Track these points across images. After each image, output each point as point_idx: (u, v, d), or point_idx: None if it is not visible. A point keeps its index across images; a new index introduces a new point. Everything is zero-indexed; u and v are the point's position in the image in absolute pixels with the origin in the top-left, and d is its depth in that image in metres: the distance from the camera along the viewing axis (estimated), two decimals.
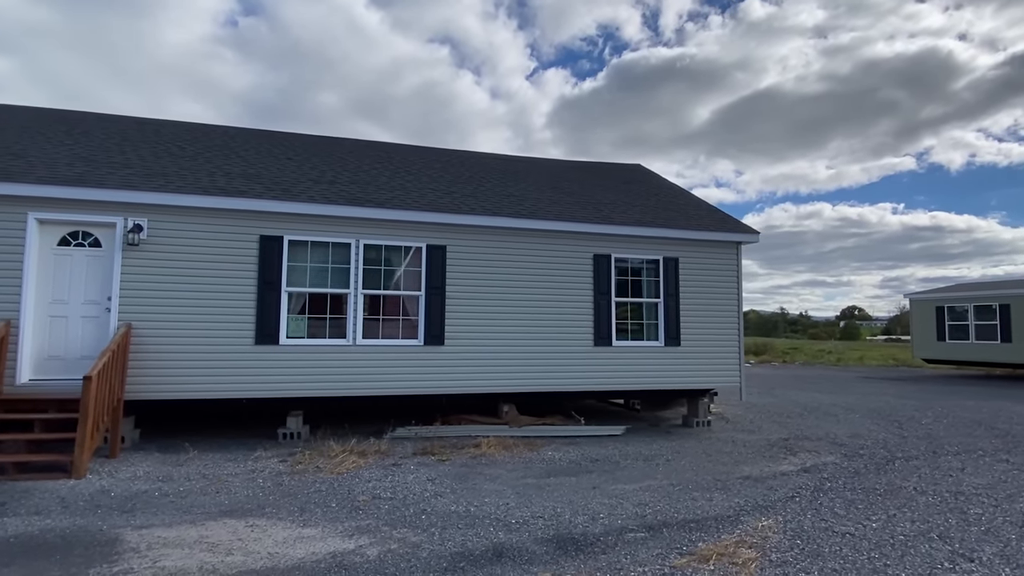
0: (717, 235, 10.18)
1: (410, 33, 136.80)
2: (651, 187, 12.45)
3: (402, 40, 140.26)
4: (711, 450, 8.64)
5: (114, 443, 7.34)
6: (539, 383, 9.23)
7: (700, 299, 10.13)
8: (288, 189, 8.65)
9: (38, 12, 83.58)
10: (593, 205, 10.49)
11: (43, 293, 7.50)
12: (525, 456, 7.94)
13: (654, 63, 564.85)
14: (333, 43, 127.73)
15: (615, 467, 7.51)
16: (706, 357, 10.06)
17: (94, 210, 7.62)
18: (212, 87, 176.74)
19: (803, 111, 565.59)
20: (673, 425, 10.73)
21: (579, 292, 9.51)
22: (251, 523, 5.16)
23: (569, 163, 13.70)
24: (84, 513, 5.31)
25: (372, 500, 5.86)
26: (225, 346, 7.93)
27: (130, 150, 9.17)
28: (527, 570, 4.22)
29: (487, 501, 5.91)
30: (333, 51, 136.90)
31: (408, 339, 8.73)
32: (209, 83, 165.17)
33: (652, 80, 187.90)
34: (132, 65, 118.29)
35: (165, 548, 4.54)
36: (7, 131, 9.12)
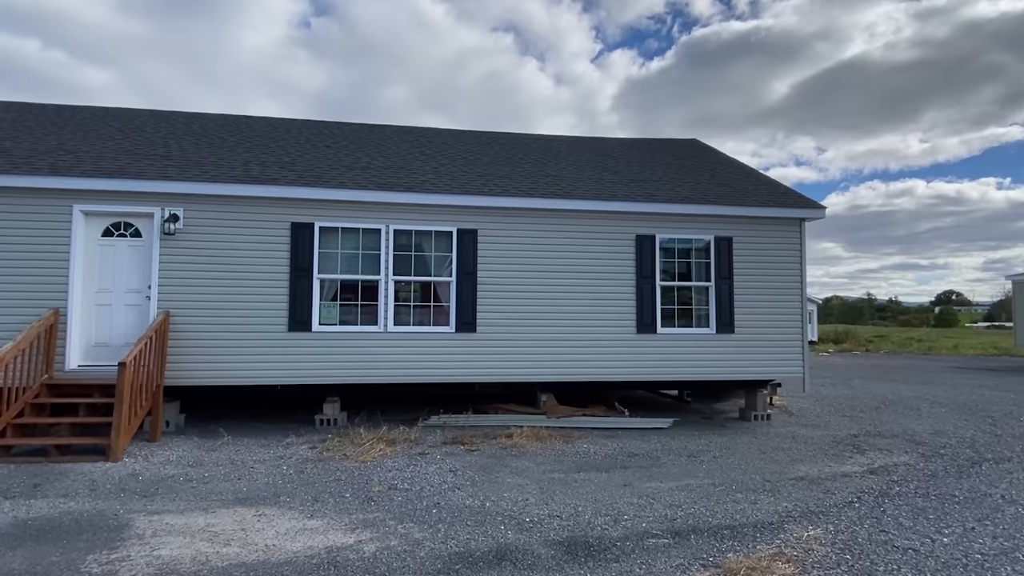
0: (776, 211, 9.28)
1: (474, 23, 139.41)
2: (705, 162, 11.57)
3: (466, 31, 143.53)
4: (766, 446, 7.90)
5: (155, 427, 7.55)
6: (575, 372, 8.77)
7: (757, 282, 9.28)
8: (320, 176, 8.59)
9: (132, 24, 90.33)
10: (637, 183, 9.83)
11: (89, 282, 7.80)
12: (558, 448, 7.53)
13: (726, 38, 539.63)
14: (400, 37, 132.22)
15: (654, 463, 6.96)
16: (763, 345, 9.23)
17: (134, 201, 7.84)
18: (287, 87, 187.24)
19: (893, 81, 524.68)
20: (729, 418, 9.96)
21: (620, 276, 8.93)
22: (261, 512, 5.07)
23: (617, 140, 13.00)
24: (107, 497, 5.41)
25: (388, 491, 5.65)
26: (259, 333, 7.99)
27: (173, 143, 9.41)
28: None
29: (506, 496, 5.57)
30: (400, 45, 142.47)
31: (440, 326, 8.50)
32: (285, 83, 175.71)
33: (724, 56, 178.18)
34: (215, 69, 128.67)
35: (169, 536, 4.50)
36: (65, 129, 9.59)
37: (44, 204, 7.62)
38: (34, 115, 10.31)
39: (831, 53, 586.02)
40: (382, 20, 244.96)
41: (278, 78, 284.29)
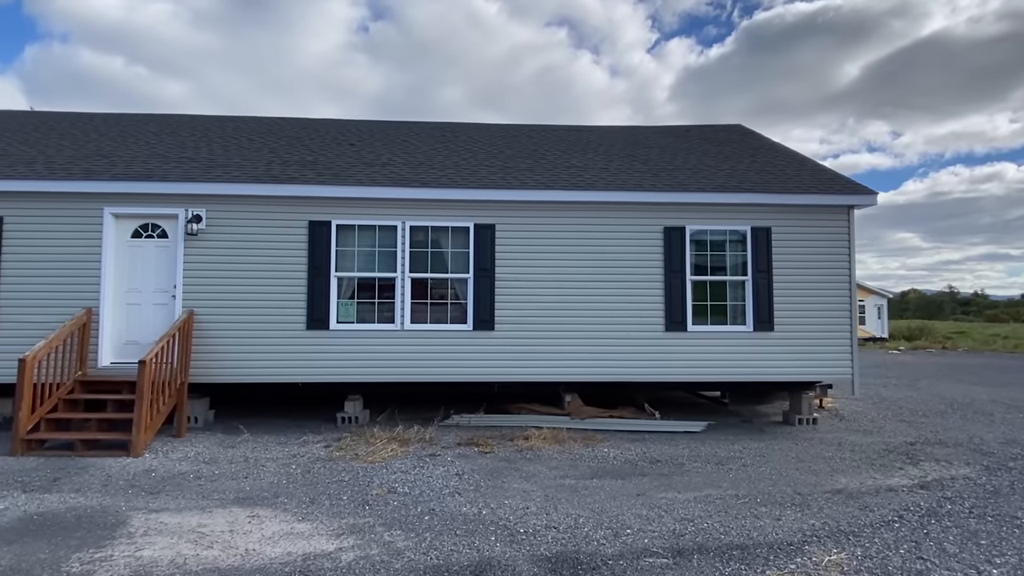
0: (821, 198, 8.53)
1: (527, 19, 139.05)
2: (746, 148, 10.84)
3: (519, 27, 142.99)
4: (806, 454, 7.26)
5: (180, 423, 7.73)
6: (599, 373, 8.37)
7: (799, 275, 8.58)
8: (338, 174, 8.57)
9: (205, 38, 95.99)
10: (667, 172, 9.29)
11: (120, 282, 8.07)
12: (576, 452, 7.18)
13: (791, 20, 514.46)
14: (454, 37, 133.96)
15: (676, 470, 6.51)
16: (806, 344, 8.52)
17: (160, 203, 8.05)
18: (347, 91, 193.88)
19: (978, 57, 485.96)
20: (770, 423, 9.29)
21: (647, 271, 8.45)
22: (255, 513, 5.02)
23: (653, 128, 12.40)
24: (116, 493, 5.52)
25: (386, 495, 5.50)
26: (278, 331, 8.05)
27: (204, 146, 9.65)
28: None
29: (507, 503, 5.30)
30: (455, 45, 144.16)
31: (457, 324, 8.31)
32: (345, 87, 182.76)
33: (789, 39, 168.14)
34: (280, 76, 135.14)
35: (158, 536, 4.50)
36: (106, 136, 10.01)
37: (78, 207, 7.95)
38: (83, 123, 10.84)
39: (907, 30, 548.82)
40: (437, 21, 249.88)
41: (339, 82, 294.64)
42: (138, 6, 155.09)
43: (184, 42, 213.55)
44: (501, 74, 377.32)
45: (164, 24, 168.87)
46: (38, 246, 7.88)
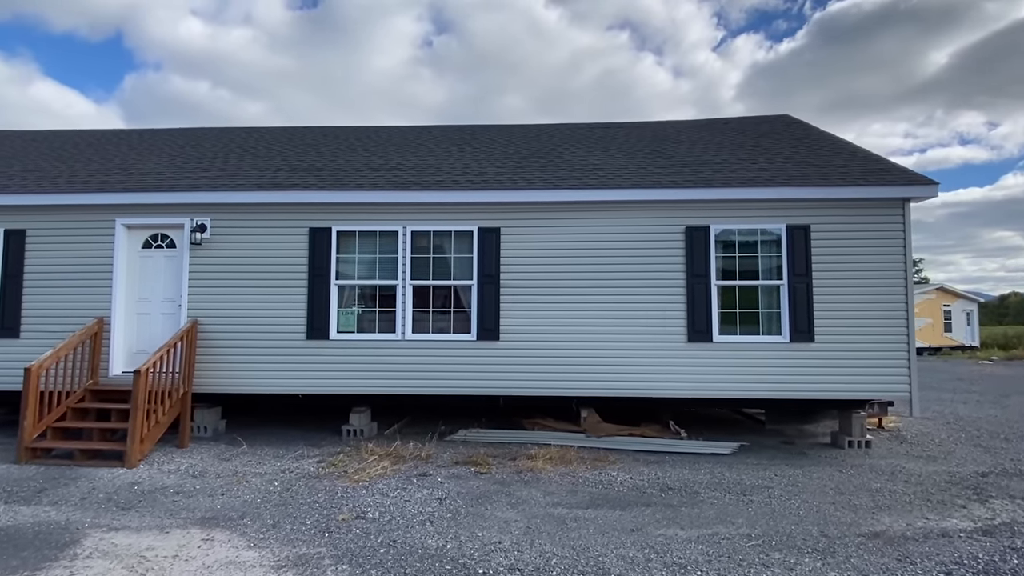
0: (869, 190, 7.51)
1: (588, 24, 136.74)
2: (788, 139, 9.83)
3: (580, 32, 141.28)
4: (848, 484, 6.31)
5: (183, 433, 7.69)
6: (612, 387, 7.68)
7: (844, 278, 7.58)
8: (340, 179, 8.34)
9: (280, 60, 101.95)
10: (692, 167, 8.49)
11: (131, 292, 8.17)
12: (580, 475, 6.55)
13: (869, 9, 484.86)
14: (515, 46, 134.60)
15: (688, 500, 5.76)
16: (852, 357, 7.50)
17: (168, 213, 8.10)
18: (412, 104, 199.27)
19: None
20: (815, 444, 8.27)
21: (666, 275, 7.70)
22: (210, 536, 4.75)
23: (688, 123, 11.53)
24: (89, 507, 5.41)
25: (353, 520, 5.11)
26: (278, 341, 7.88)
27: (220, 156, 9.72)
28: None
29: (479, 536, 4.78)
30: (515, 54, 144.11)
31: (460, 333, 7.86)
32: (409, 100, 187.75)
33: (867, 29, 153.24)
34: (348, 93, 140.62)
35: (100, 559, 4.29)
36: (134, 151, 10.29)
37: (92, 219, 8.11)
38: (119, 139, 11.23)
39: (1003, 12, 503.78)
40: (498, 32, 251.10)
41: (403, 96, 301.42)
42: (220, 34, 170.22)
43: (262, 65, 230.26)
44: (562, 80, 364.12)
45: (244, 49, 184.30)
46: (56, 257, 8.10)
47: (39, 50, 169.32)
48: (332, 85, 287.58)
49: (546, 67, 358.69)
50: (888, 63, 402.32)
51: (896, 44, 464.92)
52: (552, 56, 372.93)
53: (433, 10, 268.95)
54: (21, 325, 8.04)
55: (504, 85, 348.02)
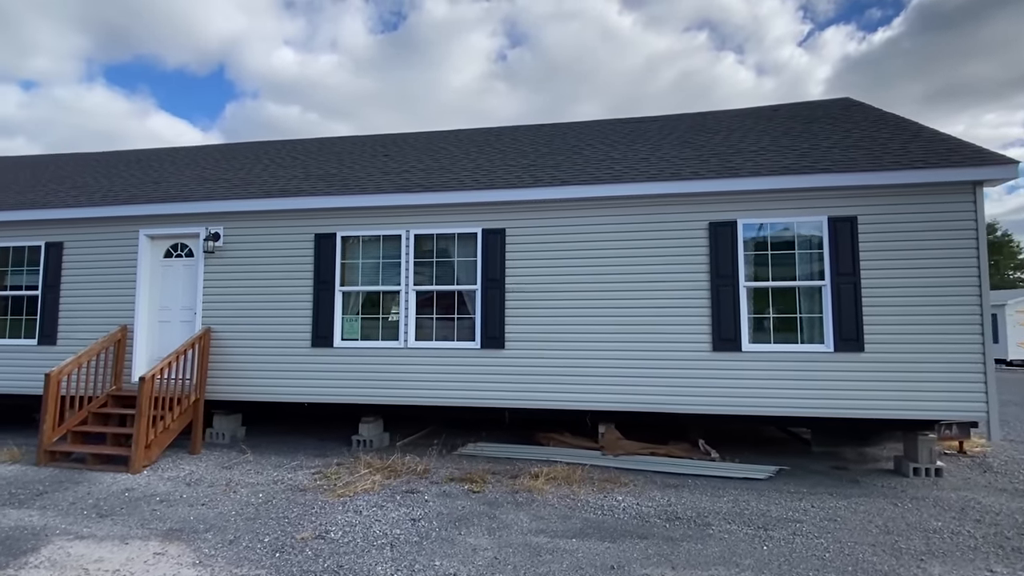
0: (929, 173, 6.39)
1: (664, 27, 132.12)
2: (842, 122, 8.70)
3: (656, 36, 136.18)
4: (900, 523, 5.28)
5: (195, 440, 7.74)
6: (627, 401, 6.96)
7: (899, 277, 6.49)
8: (347, 183, 8.20)
9: (363, 82, 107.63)
10: (720, 156, 7.64)
11: (153, 301, 8.39)
12: (581, 498, 5.91)
13: None
14: (588, 54, 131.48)
15: (694, 534, 5.01)
16: (912, 369, 6.38)
17: (186, 223, 8.26)
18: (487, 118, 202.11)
19: None
20: (874, 471, 7.13)
21: (687, 276, 6.92)
22: (163, 550, 4.58)
23: (731, 112, 10.55)
24: (70, 513, 5.43)
25: (312, 539, 4.78)
26: (285, 349, 7.80)
27: (245, 167, 9.90)
28: None
29: (435, 566, 4.30)
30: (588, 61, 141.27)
31: (464, 341, 7.43)
32: (485, 115, 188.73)
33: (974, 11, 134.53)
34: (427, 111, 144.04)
35: (46, 568, 4.20)
36: (176, 165, 10.72)
37: (119, 230, 8.42)
38: (170, 156, 11.79)
39: None
40: (571, 40, 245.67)
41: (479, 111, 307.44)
42: (309, 61, 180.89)
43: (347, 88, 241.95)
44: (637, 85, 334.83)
45: (330, 74, 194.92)
46: (88, 268, 8.47)
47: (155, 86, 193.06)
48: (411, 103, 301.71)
49: (620, 73, 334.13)
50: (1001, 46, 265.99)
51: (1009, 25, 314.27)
52: (626, 62, 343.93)
53: (507, 24, 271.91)
54: (58, 333, 8.45)
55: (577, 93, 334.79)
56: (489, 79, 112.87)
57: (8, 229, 8.76)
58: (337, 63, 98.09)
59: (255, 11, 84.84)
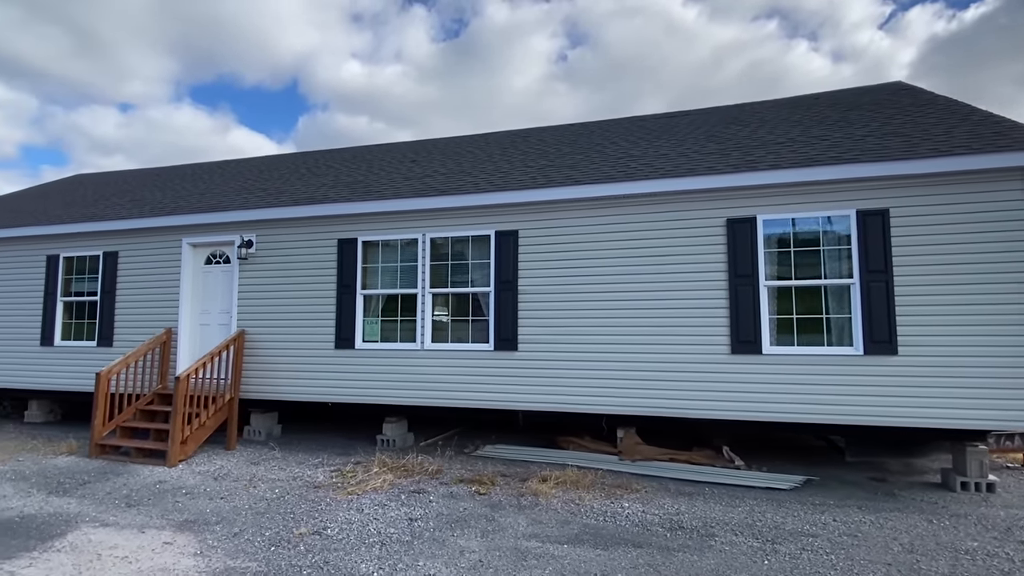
0: (970, 160, 5.84)
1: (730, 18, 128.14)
2: (888, 109, 8.10)
3: (721, 28, 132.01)
4: (928, 541, 4.86)
5: (230, 436, 8.16)
6: (638, 405, 6.76)
7: (938, 274, 5.96)
8: (369, 190, 8.42)
9: (427, 90, 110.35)
10: (745, 149, 7.29)
11: (195, 305, 8.93)
12: (586, 504, 5.79)
13: None
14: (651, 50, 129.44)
15: (694, 545, 4.80)
16: (952, 374, 5.85)
17: (223, 231, 8.74)
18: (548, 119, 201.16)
19: None
20: (919, 484, 6.59)
21: (704, 276, 6.64)
22: (172, 540, 4.86)
23: (770, 103, 10.03)
24: (104, 502, 5.86)
25: (308, 536, 4.94)
26: (311, 350, 8.09)
27: (282, 178, 10.36)
28: None
29: (418, 566, 4.34)
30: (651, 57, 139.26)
31: (478, 343, 7.45)
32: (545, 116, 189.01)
33: None
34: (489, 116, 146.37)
35: (65, 552, 4.56)
36: (222, 177, 11.37)
37: (165, 240, 9.02)
38: (206, 171, 12.53)
39: None
40: (633, 37, 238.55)
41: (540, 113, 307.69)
42: (376, 72, 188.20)
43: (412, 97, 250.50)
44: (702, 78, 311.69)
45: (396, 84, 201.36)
46: (139, 275, 9.13)
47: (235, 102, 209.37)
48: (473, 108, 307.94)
49: (684, 67, 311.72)
50: None
51: None
52: (691, 55, 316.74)
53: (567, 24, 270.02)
54: (114, 335, 9.14)
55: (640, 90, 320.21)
56: (550, 80, 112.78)
57: (73, 240, 9.57)
58: (402, 73, 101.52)
59: (325, 26, 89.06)
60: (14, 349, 9.71)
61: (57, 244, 9.65)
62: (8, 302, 9.88)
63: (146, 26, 69.59)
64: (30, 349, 9.60)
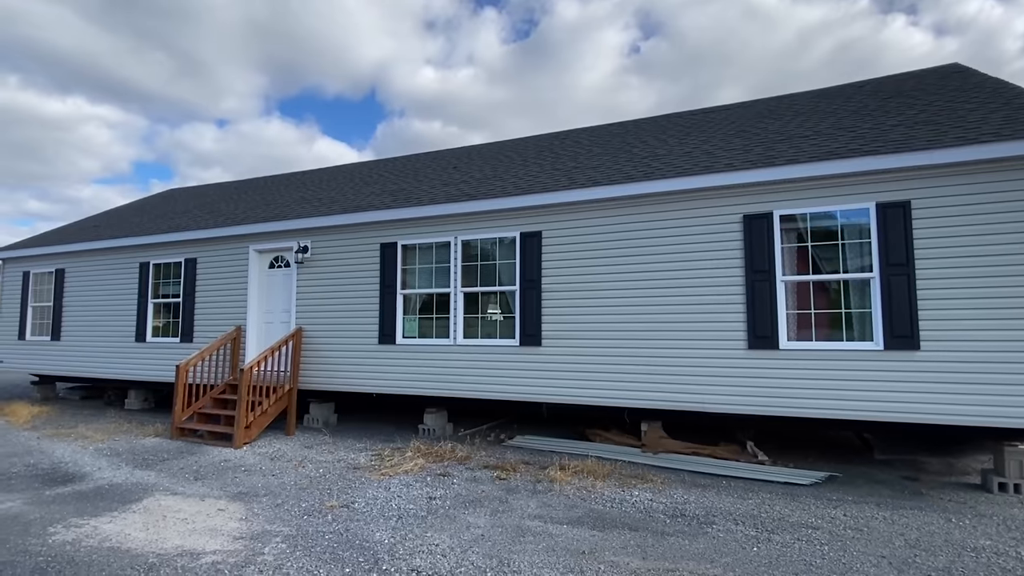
0: (994, 148, 5.60)
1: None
2: (930, 95, 7.76)
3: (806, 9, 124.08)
4: (934, 539, 4.80)
5: (289, 423, 9.05)
6: (657, 399, 6.92)
7: (963, 268, 5.76)
8: (408, 197, 9.04)
9: (497, 92, 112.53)
10: (767, 143, 7.26)
11: (260, 305, 9.91)
12: (597, 491, 6.08)
13: None
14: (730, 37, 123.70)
15: (689, 530, 5.00)
16: (978, 370, 5.64)
17: (283, 238, 9.67)
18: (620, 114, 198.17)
19: None
20: (954, 484, 6.36)
21: (721, 272, 6.72)
22: (224, 508, 5.61)
23: (811, 93, 9.76)
24: (176, 475, 6.78)
25: (337, 508, 5.55)
26: (357, 345, 8.82)
27: (337, 188, 11.23)
28: None
29: (426, 536, 4.83)
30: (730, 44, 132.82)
31: (505, 339, 7.87)
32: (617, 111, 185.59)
33: None
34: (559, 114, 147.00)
35: (138, 513, 5.40)
36: (289, 188, 12.45)
37: (234, 247, 10.08)
38: (273, 184, 13.69)
39: None
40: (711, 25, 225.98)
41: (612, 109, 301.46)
42: (448, 77, 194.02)
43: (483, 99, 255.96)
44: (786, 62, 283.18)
45: (467, 88, 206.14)
46: (214, 278, 10.24)
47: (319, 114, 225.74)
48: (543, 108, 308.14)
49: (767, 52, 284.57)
50: None
51: None
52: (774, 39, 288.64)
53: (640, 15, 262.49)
54: (194, 332, 10.32)
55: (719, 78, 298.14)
56: (622, 74, 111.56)
57: (160, 249, 10.87)
58: (473, 76, 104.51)
59: (400, 35, 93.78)
60: (115, 345, 11.16)
61: (147, 252, 11.00)
62: (110, 304, 11.35)
63: (239, 46, 75.29)
64: (127, 345, 11.00)
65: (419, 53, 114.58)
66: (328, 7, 75.44)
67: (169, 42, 73.06)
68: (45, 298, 12.34)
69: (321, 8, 74.06)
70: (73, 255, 11.93)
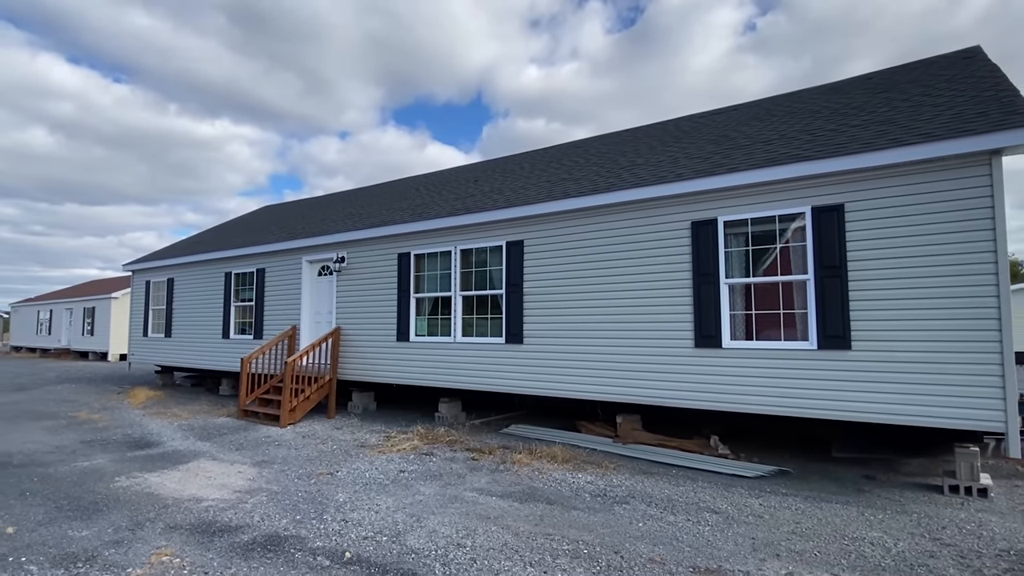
0: (923, 149, 5.61)
1: None
2: (923, 88, 7.57)
3: None
4: (823, 529, 5.10)
5: (330, 408, 10.60)
6: (620, 393, 7.48)
7: (895, 268, 5.82)
8: (418, 212, 10.22)
9: (602, 84, 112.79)
10: (724, 151, 7.52)
11: (312, 308, 11.60)
12: (545, 473, 6.84)
13: None
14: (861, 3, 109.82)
15: (601, 507, 5.67)
16: (909, 371, 5.69)
17: (327, 250, 11.25)
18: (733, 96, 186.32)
19: None
20: (910, 484, 6.36)
21: (671, 276, 7.16)
22: (242, 471, 7.08)
23: (820, 88, 9.61)
24: (224, 446, 8.44)
25: (322, 476, 6.81)
26: (380, 342, 10.15)
27: (374, 204, 12.69)
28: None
29: (375, 499, 5.92)
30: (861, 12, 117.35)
31: (494, 337, 8.78)
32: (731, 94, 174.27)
33: None
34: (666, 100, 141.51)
35: (183, 472, 7.01)
36: (334, 207, 14.18)
37: (291, 259, 11.85)
38: (329, 202, 15.49)
39: None
40: None
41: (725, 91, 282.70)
42: (552, 74, 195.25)
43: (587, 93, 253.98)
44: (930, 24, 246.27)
45: (570, 82, 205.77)
46: (277, 285, 12.10)
47: (429, 120, 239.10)
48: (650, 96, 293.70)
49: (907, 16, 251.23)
50: None
51: None
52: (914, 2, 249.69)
53: None
54: (263, 330, 12.24)
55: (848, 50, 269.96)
56: (736, 54, 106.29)
57: (239, 261, 12.97)
58: (576, 70, 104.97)
59: (505, 37, 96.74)
60: (208, 341, 13.46)
61: (230, 264, 13.17)
62: (205, 306, 13.69)
63: (358, 62, 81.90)
64: (216, 340, 13.25)
65: (523, 53, 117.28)
66: (436, 14, 79.58)
67: (298, 62, 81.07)
68: (161, 302, 15.08)
69: (430, 16, 78.36)
70: (179, 266, 14.50)
